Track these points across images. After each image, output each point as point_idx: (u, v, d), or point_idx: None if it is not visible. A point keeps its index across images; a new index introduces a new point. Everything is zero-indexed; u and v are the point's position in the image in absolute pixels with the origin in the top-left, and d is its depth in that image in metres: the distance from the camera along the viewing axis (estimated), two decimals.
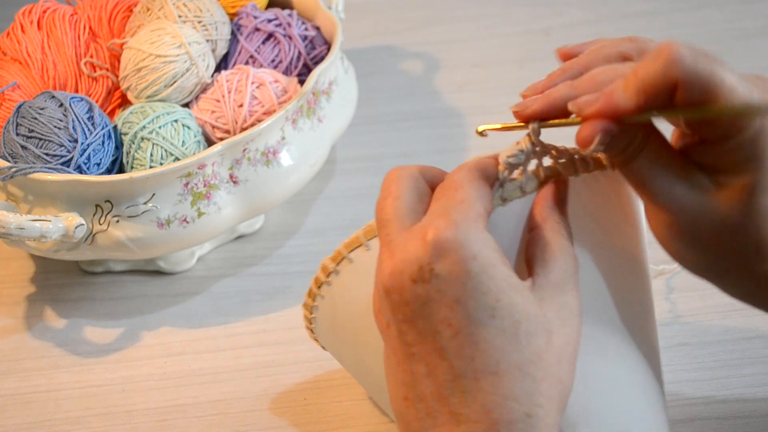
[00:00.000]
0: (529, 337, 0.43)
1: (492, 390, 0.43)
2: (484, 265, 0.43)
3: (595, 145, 0.46)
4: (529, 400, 0.42)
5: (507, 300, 0.43)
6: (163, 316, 0.74)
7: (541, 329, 0.43)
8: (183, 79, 0.74)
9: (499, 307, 0.43)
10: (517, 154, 0.48)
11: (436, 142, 0.89)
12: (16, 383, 0.70)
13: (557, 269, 0.46)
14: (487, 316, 0.43)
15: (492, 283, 0.43)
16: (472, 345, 0.43)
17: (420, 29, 1.05)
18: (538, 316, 0.44)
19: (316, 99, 0.77)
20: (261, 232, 0.81)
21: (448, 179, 0.47)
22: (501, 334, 0.43)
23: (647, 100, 0.44)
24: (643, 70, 0.44)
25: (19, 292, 0.77)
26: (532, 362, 0.43)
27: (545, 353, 0.43)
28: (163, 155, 0.70)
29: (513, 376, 0.43)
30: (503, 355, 0.43)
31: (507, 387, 0.42)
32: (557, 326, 0.44)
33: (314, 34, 0.81)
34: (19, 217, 0.66)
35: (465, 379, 0.43)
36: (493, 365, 0.43)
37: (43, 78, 0.77)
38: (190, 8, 0.78)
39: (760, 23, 1.01)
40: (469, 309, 0.43)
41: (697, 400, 0.64)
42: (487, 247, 0.44)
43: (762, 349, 0.67)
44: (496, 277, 0.43)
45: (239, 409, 0.67)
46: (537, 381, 0.43)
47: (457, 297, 0.43)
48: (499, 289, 0.43)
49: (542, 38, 1.02)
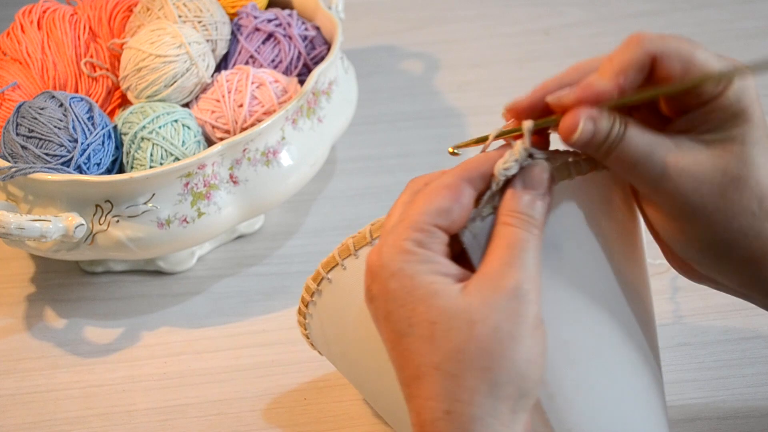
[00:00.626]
0: (446, 333, 0.45)
1: (417, 393, 0.45)
2: (401, 281, 0.46)
3: (579, 134, 0.46)
4: (449, 396, 0.44)
5: (424, 307, 0.45)
6: (163, 316, 0.74)
7: (461, 322, 0.44)
8: (183, 79, 0.74)
9: (414, 315, 0.45)
10: (512, 164, 0.48)
11: (436, 142, 0.89)
12: (16, 383, 0.70)
13: (495, 258, 0.46)
14: (406, 326, 0.46)
15: (409, 296, 0.45)
16: (401, 355, 0.46)
17: (420, 29, 1.05)
18: (458, 311, 0.45)
19: (316, 99, 0.77)
20: (261, 232, 0.81)
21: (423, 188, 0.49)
22: (419, 339, 0.45)
23: (625, 81, 0.46)
24: (617, 56, 0.46)
25: (19, 292, 0.77)
26: (449, 359, 0.44)
27: (465, 346, 0.44)
28: (163, 155, 0.70)
29: (432, 376, 0.45)
30: (422, 358, 0.45)
31: (427, 388, 0.45)
32: (484, 315, 0.44)
33: (314, 34, 0.81)
34: (19, 217, 0.66)
35: (405, 387, 0.46)
36: (415, 370, 0.45)
37: (43, 78, 0.77)
38: (190, 8, 0.78)
39: (760, 23, 1.01)
40: (393, 323, 0.46)
41: (697, 400, 0.64)
42: (408, 262, 0.46)
43: (762, 349, 0.67)
44: (413, 289, 0.45)
45: (239, 409, 0.67)
46: (455, 376, 0.44)
47: (385, 314, 0.47)
48: (415, 299, 0.45)
49: (542, 38, 1.02)
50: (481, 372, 0.44)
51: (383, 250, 0.47)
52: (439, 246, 0.47)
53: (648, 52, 0.46)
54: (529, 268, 0.46)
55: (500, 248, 0.46)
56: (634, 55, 0.46)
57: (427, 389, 0.45)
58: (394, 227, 0.48)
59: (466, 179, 0.48)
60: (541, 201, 0.48)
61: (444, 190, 0.47)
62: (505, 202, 0.48)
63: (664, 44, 0.46)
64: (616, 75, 0.46)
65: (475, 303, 0.45)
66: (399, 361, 0.46)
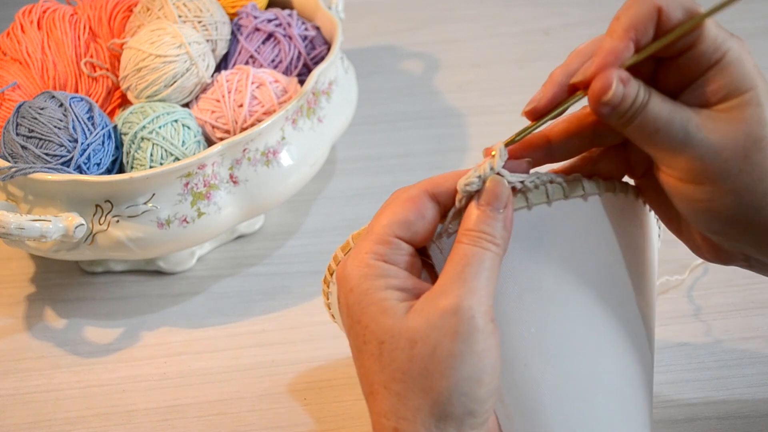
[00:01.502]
0: (390, 354, 0.45)
1: (372, 408, 0.46)
2: (358, 296, 0.46)
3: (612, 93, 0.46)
4: (395, 414, 0.45)
5: (374, 325, 0.45)
6: (163, 316, 0.74)
7: (404, 342, 0.45)
8: (183, 79, 0.74)
9: (367, 333, 0.46)
10: (474, 180, 0.48)
11: (436, 142, 0.89)
12: (16, 383, 0.70)
13: (442, 280, 0.46)
14: (361, 342, 0.46)
15: (362, 312, 0.46)
16: (359, 370, 0.47)
17: (420, 29, 1.05)
18: (402, 330, 0.45)
19: (316, 99, 0.77)
20: (261, 232, 0.81)
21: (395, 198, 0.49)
22: (371, 357, 0.46)
23: (637, 35, 0.46)
24: (623, 13, 0.47)
25: (19, 292, 0.77)
26: (393, 379, 0.45)
27: (408, 367, 0.45)
28: (163, 155, 0.70)
29: (381, 394, 0.45)
30: (374, 376, 0.46)
31: (379, 405, 0.46)
32: (424, 334, 0.44)
33: (314, 34, 0.81)
34: (19, 217, 0.66)
35: (366, 400, 0.47)
36: (369, 386, 0.46)
37: (43, 78, 0.77)
38: (190, 8, 0.78)
39: (760, 23, 1.01)
40: (352, 338, 0.47)
41: (697, 400, 0.64)
42: (365, 277, 0.46)
43: (762, 349, 0.67)
44: (368, 305, 0.46)
45: (239, 409, 0.67)
46: (400, 396, 0.45)
47: (347, 327, 0.48)
48: (368, 316, 0.46)
49: (542, 38, 1.02)
50: (423, 392, 0.44)
51: (347, 262, 0.48)
52: (401, 257, 0.48)
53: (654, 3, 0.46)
54: (475, 283, 0.45)
55: (448, 266, 0.46)
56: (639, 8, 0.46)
57: (379, 405, 0.46)
58: (362, 238, 0.48)
59: (429, 193, 0.48)
60: (497, 216, 0.47)
61: (407, 203, 0.48)
62: (462, 221, 0.48)
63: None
64: (626, 31, 0.46)
65: (417, 322, 0.45)
66: (359, 375, 0.48)
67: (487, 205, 0.47)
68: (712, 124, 0.47)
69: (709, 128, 0.47)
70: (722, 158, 0.47)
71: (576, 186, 0.51)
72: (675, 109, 0.47)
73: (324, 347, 0.70)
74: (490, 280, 0.46)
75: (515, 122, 0.88)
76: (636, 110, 0.47)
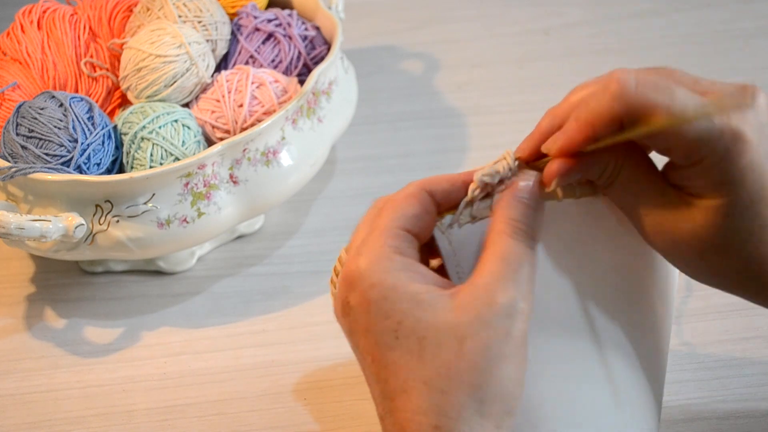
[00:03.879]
0: (435, 349, 0.44)
1: (403, 407, 0.44)
2: (384, 291, 0.45)
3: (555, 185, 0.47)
4: (437, 412, 0.44)
5: (410, 320, 0.44)
6: (163, 316, 0.74)
7: (451, 338, 0.44)
8: (183, 79, 0.74)
9: (401, 328, 0.44)
10: (493, 174, 0.48)
11: (436, 142, 0.89)
12: (16, 383, 0.70)
13: (486, 272, 0.45)
14: (391, 338, 0.45)
15: (392, 307, 0.45)
16: (384, 368, 0.45)
17: (420, 29, 1.05)
18: (448, 326, 0.44)
19: (316, 99, 0.77)
20: (261, 232, 0.81)
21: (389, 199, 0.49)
22: (407, 353, 0.44)
23: (595, 132, 0.46)
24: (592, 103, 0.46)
25: (19, 292, 0.77)
26: (438, 375, 0.44)
27: (455, 363, 0.44)
28: (163, 155, 0.70)
29: (419, 391, 0.44)
30: (409, 373, 0.44)
31: (415, 403, 0.44)
32: (474, 331, 0.44)
33: (314, 34, 0.81)
34: (19, 217, 0.66)
35: (386, 401, 0.45)
36: (401, 384, 0.45)
37: (43, 78, 0.77)
38: (190, 8, 0.78)
39: (760, 23, 1.01)
40: (376, 335, 0.45)
41: (697, 400, 0.64)
42: (389, 270, 0.45)
43: (762, 349, 0.67)
44: (397, 300, 0.45)
45: (239, 409, 0.67)
46: (444, 393, 0.44)
47: (366, 326, 0.46)
48: (400, 311, 0.44)
49: (542, 38, 1.02)
50: (470, 389, 0.44)
51: (360, 259, 0.46)
52: (413, 252, 0.47)
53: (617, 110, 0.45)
54: (524, 284, 0.45)
55: (495, 260, 0.45)
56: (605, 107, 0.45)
57: (414, 404, 0.44)
58: (365, 239, 0.47)
59: (427, 190, 0.48)
60: (539, 212, 0.48)
61: (410, 198, 0.48)
62: (502, 210, 0.47)
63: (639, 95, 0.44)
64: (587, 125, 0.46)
65: (466, 318, 0.44)
66: (381, 374, 0.46)
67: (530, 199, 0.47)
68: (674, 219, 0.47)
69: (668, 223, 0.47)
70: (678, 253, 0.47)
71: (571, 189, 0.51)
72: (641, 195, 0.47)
73: (324, 347, 0.70)
74: (533, 280, 0.46)
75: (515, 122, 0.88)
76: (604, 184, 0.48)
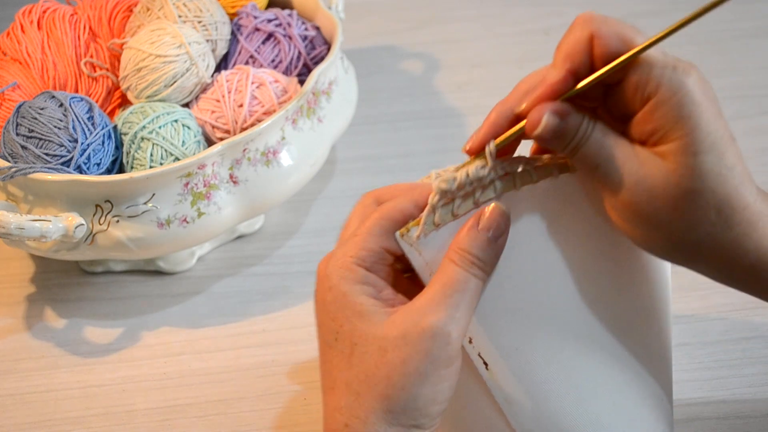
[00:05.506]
0: (361, 356, 0.47)
1: (328, 402, 0.49)
2: (336, 295, 0.48)
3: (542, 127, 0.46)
4: (350, 412, 0.47)
5: (349, 326, 0.48)
6: (163, 316, 0.74)
7: (375, 348, 0.47)
8: (183, 79, 0.74)
9: (341, 332, 0.48)
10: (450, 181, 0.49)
11: (436, 142, 0.89)
12: (16, 383, 0.70)
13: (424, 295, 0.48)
14: (332, 338, 0.49)
15: (340, 312, 0.48)
16: (323, 363, 0.50)
17: (420, 29, 1.05)
18: (375, 337, 0.47)
19: (316, 99, 0.77)
20: (261, 232, 0.81)
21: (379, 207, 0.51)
22: (339, 354, 0.48)
23: (573, 64, 0.46)
24: (563, 41, 0.47)
25: (19, 292, 0.77)
26: (357, 379, 0.47)
27: (374, 371, 0.47)
28: (163, 155, 0.70)
29: (341, 391, 0.48)
30: (338, 373, 0.48)
31: (336, 400, 0.48)
32: (396, 346, 0.46)
33: (314, 34, 0.81)
34: (19, 217, 0.66)
35: (323, 394, 0.50)
36: (331, 382, 0.49)
37: (43, 78, 0.77)
38: (190, 8, 0.78)
39: (760, 23, 1.01)
40: (323, 333, 0.50)
41: (697, 400, 0.64)
42: (346, 279, 0.48)
43: (762, 349, 0.67)
44: (344, 306, 0.48)
45: (239, 409, 0.67)
46: (359, 396, 0.47)
47: (319, 321, 0.50)
48: (344, 317, 0.48)
49: (542, 38, 1.02)
50: (380, 398, 0.47)
51: (330, 261, 0.49)
52: (381, 267, 0.49)
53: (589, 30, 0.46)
54: (458, 310, 0.47)
55: (435, 284, 0.48)
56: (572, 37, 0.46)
57: (336, 401, 0.48)
58: (346, 240, 0.50)
59: (419, 207, 0.50)
60: (494, 244, 0.49)
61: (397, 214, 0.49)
62: (458, 237, 0.49)
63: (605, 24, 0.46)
64: (564, 60, 0.46)
65: (393, 333, 0.47)
66: (322, 368, 0.50)
67: (486, 231, 0.49)
68: (647, 169, 0.46)
69: (643, 173, 0.46)
70: (653, 206, 0.47)
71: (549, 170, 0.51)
72: (616, 147, 0.47)
73: None
74: (472, 308, 0.48)
75: None
76: (578, 142, 0.47)
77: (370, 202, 0.52)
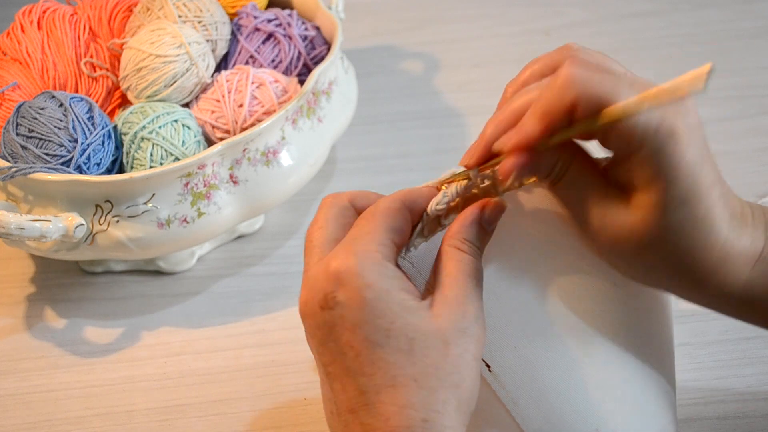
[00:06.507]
0: (423, 350, 0.47)
1: (390, 401, 0.47)
2: (379, 292, 0.48)
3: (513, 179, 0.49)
4: (425, 407, 0.47)
5: (401, 321, 0.47)
6: (163, 316, 0.74)
7: (437, 342, 0.48)
8: (183, 79, 0.74)
9: (393, 328, 0.47)
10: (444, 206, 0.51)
11: (436, 142, 0.89)
12: (16, 383, 0.70)
13: (454, 287, 0.49)
14: (382, 337, 0.47)
15: (386, 308, 0.48)
16: (371, 363, 0.48)
17: (420, 29, 1.05)
18: (433, 332, 0.48)
19: (316, 99, 0.77)
20: (261, 232, 0.81)
21: (372, 207, 0.51)
22: (397, 351, 0.47)
23: (549, 125, 0.47)
24: (544, 96, 0.47)
25: (19, 292, 0.77)
26: (427, 374, 0.47)
27: (442, 363, 0.47)
28: (163, 155, 0.70)
29: (409, 387, 0.47)
30: (399, 369, 0.47)
31: (404, 397, 0.47)
32: (455, 337, 0.48)
33: (314, 34, 0.81)
34: (19, 217, 0.66)
35: (368, 394, 0.48)
36: (389, 380, 0.48)
37: (43, 78, 0.77)
38: (190, 8, 0.78)
39: (760, 23, 1.01)
40: (366, 332, 0.48)
41: (697, 400, 0.64)
42: (383, 275, 0.48)
43: (762, 349, 0.67)
44: (390, 302, 0.48)
45: (239, 409, 0.67)
46: (433, 390, 0.47)
47: (355, 321, 0.48)
48: (393, 313, 0.47)
49: (542, 38, 1.02)
50: (453, 388, 0.47)
51: (354, 259, 0.48)
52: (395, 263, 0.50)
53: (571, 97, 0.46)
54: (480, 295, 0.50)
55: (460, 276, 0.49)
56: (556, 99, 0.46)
57: (401, 398, 0.47)
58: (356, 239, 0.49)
59: (408, 207, 0.51)
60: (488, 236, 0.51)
61: (397, 213, 0.50)
62: (458, 228, 0.51)
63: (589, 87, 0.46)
64: (541, 119, 0.47)
65: (446, 326, 0.48)
66: (366, 368, 0.48)
67: (489, 225, 0.51)
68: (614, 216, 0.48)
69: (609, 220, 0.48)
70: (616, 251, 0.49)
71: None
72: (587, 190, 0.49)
73: None
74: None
75: None
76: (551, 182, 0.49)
77: (347, 204, 0.52)
